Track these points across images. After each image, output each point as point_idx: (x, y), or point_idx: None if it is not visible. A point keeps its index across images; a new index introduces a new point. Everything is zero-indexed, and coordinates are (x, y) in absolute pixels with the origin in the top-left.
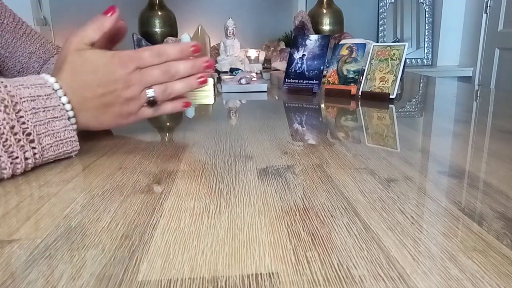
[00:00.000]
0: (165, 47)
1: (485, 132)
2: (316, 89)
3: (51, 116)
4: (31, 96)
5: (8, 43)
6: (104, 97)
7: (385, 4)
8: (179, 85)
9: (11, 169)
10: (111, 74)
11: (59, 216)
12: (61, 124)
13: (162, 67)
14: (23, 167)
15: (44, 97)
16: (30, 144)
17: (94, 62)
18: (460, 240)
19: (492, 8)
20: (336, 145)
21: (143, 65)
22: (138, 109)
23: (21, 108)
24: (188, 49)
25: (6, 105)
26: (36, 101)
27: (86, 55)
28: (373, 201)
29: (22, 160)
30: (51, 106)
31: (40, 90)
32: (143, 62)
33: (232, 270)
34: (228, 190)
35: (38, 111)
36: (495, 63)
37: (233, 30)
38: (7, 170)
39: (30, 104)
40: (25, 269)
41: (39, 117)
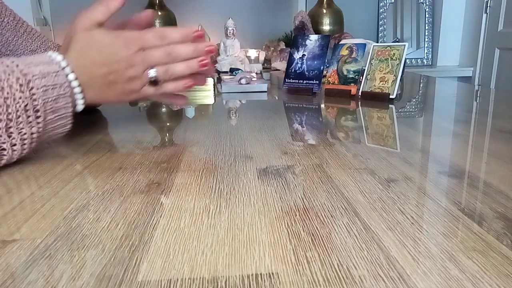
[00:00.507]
0: (169, 30)
1: (485, 132)
2: (316, 89)
3: (57, 94)
4: (42, 73)
5: (9, 41)
6: (108, 75)
7: (385, 4)
8: (181, 66)
9: (20, 145)
10: (115, 54)
11: (59, 216)
12: (63, 101)
13: (165, 49)
14: (29, 141)
15: (52, 74)
16: (37, 119)
17: (100, 42)
18: (460, 240)
19: (492, 8)
20: (336, 145)
21: (146, 46)
22: (140, 87)
23: (33, 86)
24: (191, 34)
25: (21, 83)
26: (47, 78)
27: (92, 34)
28: (373, 201)
29: (29, 136)
30: (59, 83)
31: (49, 67)
32: (146, 43)
33: (232, 270)
34: (228, 190)
35: (48, 88)
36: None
37: (233, 30)
38: (16, 146)
39: (41, 82)
40: (25, 269)
41: (48, 94)
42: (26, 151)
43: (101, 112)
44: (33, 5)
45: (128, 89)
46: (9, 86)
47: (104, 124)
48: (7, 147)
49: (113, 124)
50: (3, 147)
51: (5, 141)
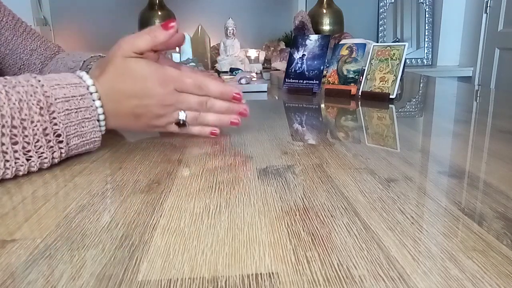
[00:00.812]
0: (209, 82)
1: (485, 132)
2: (316, 89)
3: (82, 117)
4: (66, 97)
5: (8, 40)
6: (136, 109)
7: (385, 4)
8: (212, 117)
9: (37, 167)
10: (149, 89)
11: (59, 216)
12: (90, 125)
13: (201, 98)
14: (49, 163)
15: (78, 97)
16: (59, 144)
17: (136, 73)
18: (460, 240)
19: (492, 8)
20: (336, 145)
21: (182, 90)
22: (166, 124)
23: (55, 110)
24: (230, 94)
25: (42, 107)
26: (70, 102)
27: (131, 63)
28: (373, 201)
29: (49, 160)
30: (84, 107)
31: (75, 90)
32: (182, 88)
33: (232, 270)
34: (228, 190)
35: (70, 112)
36: (495, 63)
37: (233, 30)
38: (34, 168)
39: (64, 105)
40: (25, 269)
41: (71, 118)
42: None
43: None
44: (33, 5)
45: (153, 124)
46: (29, 108)
47: None
48: (24, 170)
49: None
50: (19, 169)
51: (23, 164)
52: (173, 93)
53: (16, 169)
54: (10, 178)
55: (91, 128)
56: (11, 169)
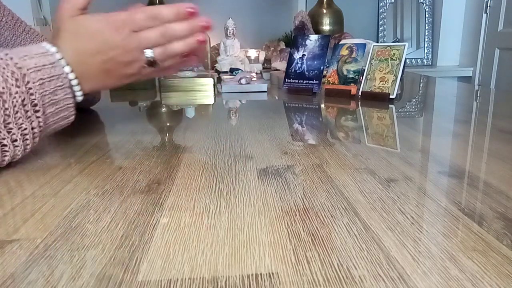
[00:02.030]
0: (159, 9)
1: (485, 132)
2: (316, 89)
3: (55, 86)
4: (37, 66)
5: (7, 40)
6: (104, 64)
7: (385, 4)
8: (178, 45)
9: (21, 140)
10: (107, 41)
11: (59, 216)
12: (63, 93)
13: (159, 29)
14: (31, 137)
15: (48, 65)
16: (36, 114)
17: (89, 29)
18: (460, 240)
19: (492, 8)
20: (336, 145)
21: (138, 29)
22: (138, 69)
23: (29, 80)
24: (184, 11)
25: (17, 78)
26: (42, 71)
27: (80, 21)
28: (373, 201)
29: (30, 131)
30: (56, 75)
31: (44, 59)
32: (137, 25)
33: (232, 270)
34: (228, 190)
35: (44, 81)
36: (495, 63)
37: (233, 30)
38: (17, 141)
39: (37, 75)
40: (25, 269)
41: (45, 87)
42: (29, 147)
43: (101, 112)
44: (33, 5)
45: (126, 73)
46: (5, 81)
47: (104, 124)
48: (8, 143)
49: (113, 124)
50: (3, 143)
51: (5, 137)
52: (131, 35)
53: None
54: (10, 178)
55: (64, 95)
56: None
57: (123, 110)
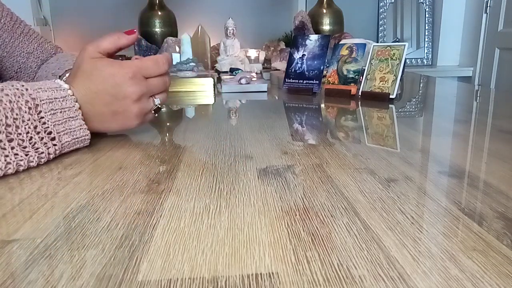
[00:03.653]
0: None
1: (485, 132)
2: (316, 89)
3: (67, 116)
4: (49, 98)
5: (5, 42)
6: (112, 106)
7: (385, 4)
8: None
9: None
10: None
11: (59, 216)
12: (77, 124)
13: (163, 78)
14: (46, 159)
15: (60, 99)
16: (52, 141)
17: (104, 71)
18: (460, 240)
19: (492, 8)
20: (336, 145)
21: (149, 75)
22: (144, 115)
23: (42, 110)
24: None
25: (30, 107)
26: (54, 103)
27: (97, 63)
28: (373, 201)
29: (46, 155)
30: (67, 107)
31: (56, 93)
32: (148, 72)
33: (232, 270)
34: (228, 190)
35: (56, 112)
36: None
37: (233, 30)
38: (33, 163)
39: (48, 106)
40: (25, 269)
41: (57, 117)
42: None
43: None
44: (33, 5)
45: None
46: (19, 108)
47: None
48: (24, 165)
49: None
50: (20, 164)
51: (22, 159)
52: (142, 82)
53: (17, 163)
54: (10, 178)
55: (78, 126)
56: (12, 164)
57: None
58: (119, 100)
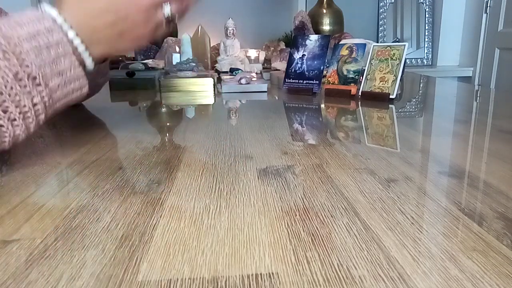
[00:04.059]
0: None
1: (485, 132)
2: (316, 89)
3: (56, 54)
4: (30, 33)
5: None
6: (115, 25)
7: (385, 4)
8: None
9: (21, 119)
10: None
11: (59, 216)
12: (67, 62)
13: None
14: (33, 114)
15: (44, 31)
16: (37, 88)
17: None
18: (460, 240)
19: (492, 8)
20: (336, 145)
21: None
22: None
23: (22, 50)
24: None
25: (5, 49)
26: (37, 38)
27: None
28: (373, 201)
29: (31, 107)
30: (54, 41)
31: (39, 24)
32: None
33: (232, 270)
34: (228, 190)
35: (41, 50)
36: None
37: (233, 30)
38: (17, 121)
39: (31, 43)
40: (25, 269)
41: (43, 56)
42: (33, 125)
43: (101, 112)
44: (33, 5)
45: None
46: None
47: (104, 124)
48: (5, 123)
49: (113, 124)
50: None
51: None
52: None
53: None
54: (9, 178)
55: (69, 64)
56: None
57: (123, 110)
58: (123, 17)
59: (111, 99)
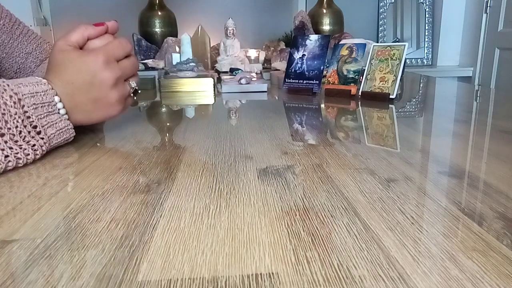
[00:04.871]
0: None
1: (485, 132)
2: (316, 89)
3: (47, 111)
4: (31, 93)
5: (5, 43)
6: (90, 93)
7: (385, 4)
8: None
9: (32, 154)
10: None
11: (59, 216)
12: (56, 117)
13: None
14: (40, 152)
15: (41, 93)
16: (38, 135)
17: (75, 60)
18: (460, 240)
19: (492, 8)
20: (336, 145)
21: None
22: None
23: (25, 104)
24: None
25: (15, 101)
26: (35, 97)
27: (67, 54)
28: (373, 201)
29: (39, 147)
30: (47, 101)
31: (37, 87)
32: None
33: (232, 270)
34: (228, 190)
35: (38, 106)
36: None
37: (233, 30)
38: (30, 156)
39: (31, 100)
40: (25, 269)
41: (39, 111)
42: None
43: None
44: (33, 5)
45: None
46: (4, 103)
47: (104, 124)
48: (22, 156)
49: (113, 124)
50: (18, 156)
51: (18, 151)
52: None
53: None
54: (11, 178)
55: (58, 118)
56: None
57: None
58: (96, 86)
59: None
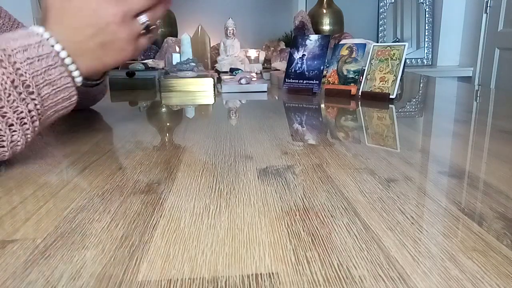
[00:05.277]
0: None
1: (485, 132)
2: (316, 89)
3: (46, 65)
4: (22, 46)
5: None
6: (97, 37)
7: (385, 4)
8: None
9: (18, 124)
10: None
11: (59, 216)
12: (57, 72)
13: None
14: (29, 120)
15: (35, 45)
16: (30, 95)
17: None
18: (460, 240)
19: (492, 8)
20: (336, 145)
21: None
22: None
23: (16, 60)
24: None
25: (1, 59)
26: (29, 51)
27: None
28: (373, 201)
29: (27, 114)
30: (45, 54)
31: (30, 39)
32: None
33: (232, 270)
34: (228, 190)
35: (33, 61)
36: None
37: (233, 30)
38: (14, 126)
39: (23, 55)
40: (25, 269)
41: (35, 66)
42: (29, 131)
43: (101, 112)
44: (33, 5)
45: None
46: None
47: (104, 124)
48: (3, 127)
49: (113, 124)
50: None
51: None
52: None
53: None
54: (9, 178)
55: (59, 74)
56: None
57: (123, 110)
58: (102, 28)
59: (111, 99)
